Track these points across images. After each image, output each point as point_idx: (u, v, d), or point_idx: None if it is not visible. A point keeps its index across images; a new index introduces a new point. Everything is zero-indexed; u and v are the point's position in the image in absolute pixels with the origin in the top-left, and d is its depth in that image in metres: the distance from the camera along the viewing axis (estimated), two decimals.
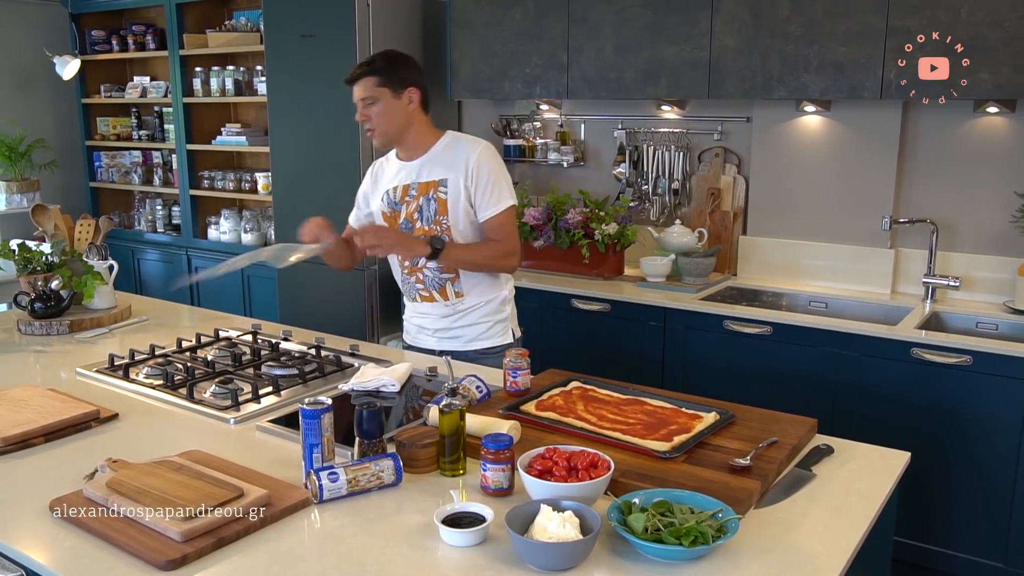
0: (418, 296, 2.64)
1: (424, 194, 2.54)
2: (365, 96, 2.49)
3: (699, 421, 1.93)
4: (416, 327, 2.72)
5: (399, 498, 1.67)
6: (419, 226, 2.55)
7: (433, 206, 2.53)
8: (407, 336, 2.78)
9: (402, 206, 2.58)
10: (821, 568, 1.43)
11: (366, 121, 2.52)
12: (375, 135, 2.55)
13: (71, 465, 1.81)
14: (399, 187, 2.59)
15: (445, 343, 2.65)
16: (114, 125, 5.74)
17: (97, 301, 3.00)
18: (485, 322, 2.63)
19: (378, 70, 2.49)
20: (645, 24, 3.52)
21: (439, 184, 2.53)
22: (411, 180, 2.57)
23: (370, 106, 2.49)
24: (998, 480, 2.85)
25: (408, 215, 2.57)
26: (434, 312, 2.63)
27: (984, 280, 3.31)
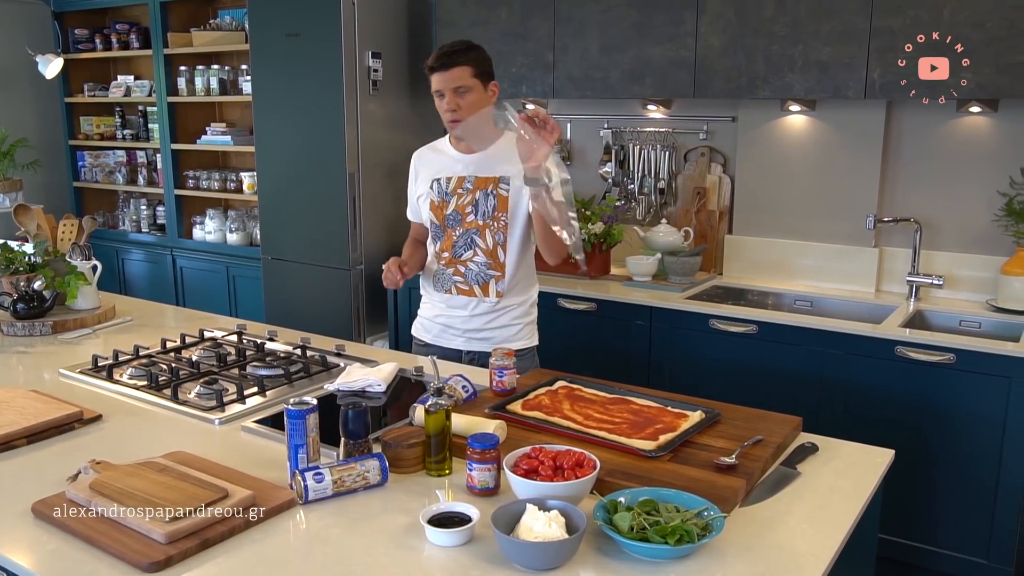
0: (454, 288, 2.58)
1: (482, 188, 2.52)
2: (460, 84, 2.44)
3: (685, 420, 1.93)
4: (441, 326, 2.64)
5: (385, 498, 1.67)
6: (471, 220, 2.53)
7: (492, 202, 2.52)
8: (425, 334, 2.69)
9: (452, 197, 2.55)
10: (806, 566, 1.43)
11: (455, 110, 2.45)
12: (455, 123, 2.49)
13: (54, 467, 1.79)
14: (453, 178, 2.55)
15: (474, 343, 2.60)
16: (98, 124, 5.71)
17: (80, 302, 2.98)
18: (517, 324, 2.62)
19: (473, 60, 2.46)
20: (631, 23, 3.53)
21: (500, 181, 2.51)
22: (468, 173, 2.54)
23: (463, 95, 2.45)
24: (981, 477, 2.87)
25: (459, 207, 2.54)
26: (467, 310, 2.58)
27: (967, 279, 3.34)
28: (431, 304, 2.68)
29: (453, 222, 2.55)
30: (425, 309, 2.71)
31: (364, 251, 4.17)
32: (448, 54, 2.44)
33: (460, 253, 2.56)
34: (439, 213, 2.57)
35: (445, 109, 2.47)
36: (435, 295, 2.65)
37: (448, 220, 2.56)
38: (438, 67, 2.44)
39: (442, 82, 2.44)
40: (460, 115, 2.45)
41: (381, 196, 4.22)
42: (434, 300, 2.66)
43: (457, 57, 2.43)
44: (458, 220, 2.54)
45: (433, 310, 2.66)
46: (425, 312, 2.71)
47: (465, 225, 2.54)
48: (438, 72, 2.44)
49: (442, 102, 2.46)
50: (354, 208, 4.09)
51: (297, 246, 4.36)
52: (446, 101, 2.45)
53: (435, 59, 2.45)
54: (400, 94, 4.24)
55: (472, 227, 2.53)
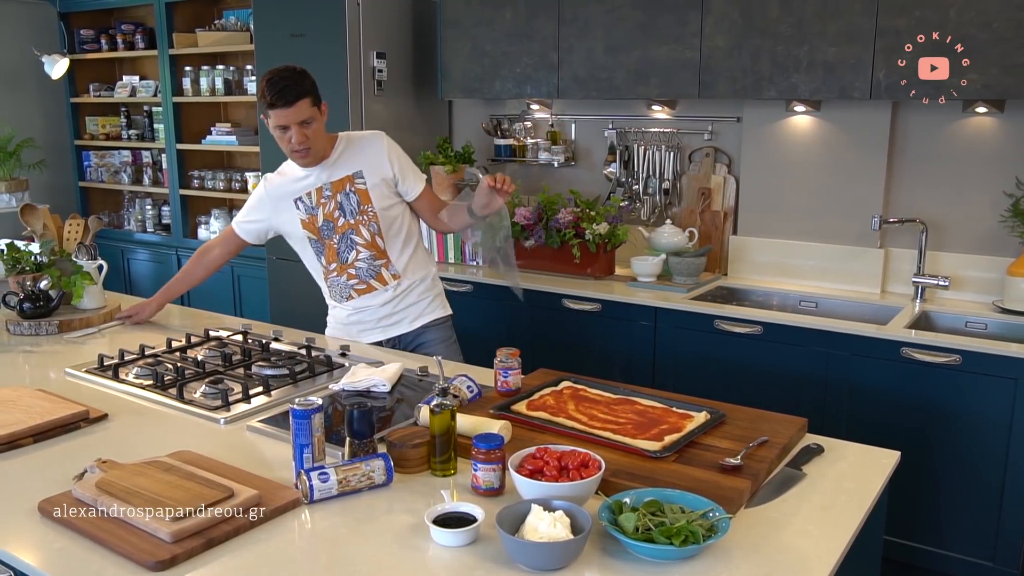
0: (353, 292, 2.69)
1: (340, 190, 2.61)
2: (305, 119, 2.46)
3: (690, 420, 1.93)
4: (354, 323, 2.74)
5: (390, 498, 1.67)
6: (343, 222, 2.63)
7: (354, 198, 2.62)
8: (343, 334, 2.77)
9: (318, 208, 2.63)
10: (811, 567, 1.43)
11: (303, 143, 2.48)
12: (308, 155, 2.53)
13: (60, 466, 1.80)
14: (312, 191, 2.63)
15: (391, 329, 2.73)
16: (103, 124, 5.72)
17: (86, 301, 2.99)
18: (425, 298, 2.76)
19: (310, 88, 2.47)
20: (635, 24, 3.53)
21: (354, 177, 2.62)
22: (322, 181, 2.62)
23: (309, 126, 2.48)
24: (987, 479, 2.86)
25: (327, 215, 2.63)
26: (374, 302, 2.69)
27: (973, 280, 3.33)
28: (340, 308, 2.76)
29: (328, 231, 2.64)
30: (336, 314, 2.79)
31: None
32: (287, 89, 2.41)
33: (346, 257, 2.66)
34: (313, 227, 2.65)
35: (295, 144, 2.48)
36: (336, 304, 2.76)
37: (323, 231, 2.64)
38: (281, 104, 2.41)
39: (287, 118, 2.43)
40: (309, 144, 2.50)
41: None
42: (340, 305, 2.76)
43: (296, 90, 2.42)
44: (331, 227, 2.64)
45: (344, 311, 2.75)
46: (336, 316, 2.79)
47: (339, 229, 2.63)
48: (280, 108, 2.42)
49: (286, 136, 2.47)
50: None
51: None
52: (294, 136, 2.46)
53: (274, 95, 2.41)
54: (405, 94, 4.24)
55: (346, 228, 2.63)
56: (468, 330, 3.87)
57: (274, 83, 2.42)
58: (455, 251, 4.07)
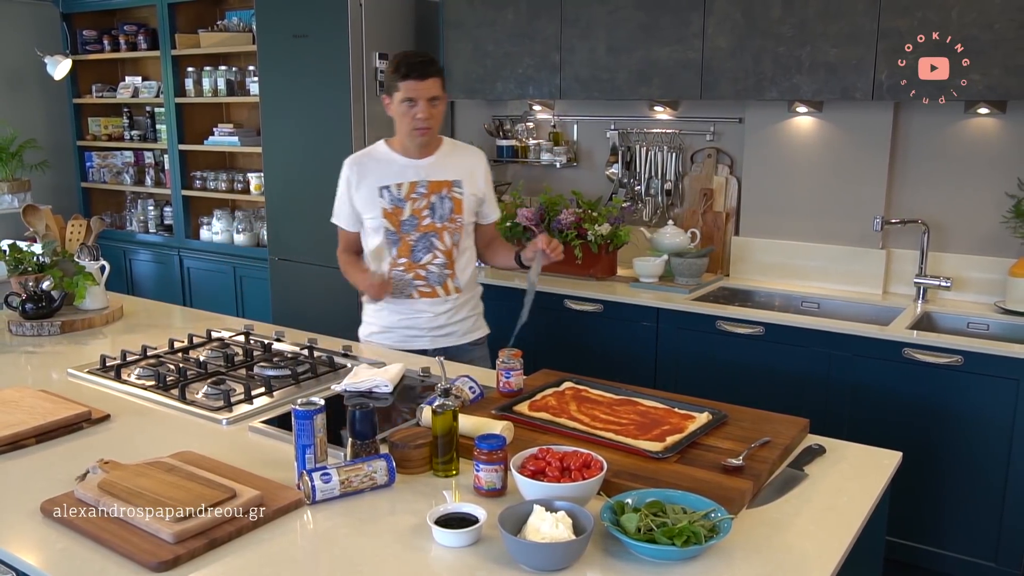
0: (416, 292, 2.65)
1: (436, 192, 2.61)
2: (436, 95, 2.53)
3: (692, 421, 1.93)
4: (405, 329, 2.70)
5: (392, 499, 1.67)
6: (428, 222, 2.61)
7: (448, 204, 2.62)
8: (386, 340, 2.73)
9: (407, 203, 2.60)
10: (813, 568, 1.43)
11: (428, 119, 2.53)
12: (428, 133, 2.57)
13: (62, 466, 1.80)
14: (405, 184, 2.61)
15: (440, 340, 2.69)
16: (105, 125, 5.73)
17: (89, 302, 2.99)
18: (473, 316, 2.77)
19: (441, 72, 2.55)
20: (637, 25, 3.53)
21: (452, 184, 2.63)
22: (420, 177, 2.61)
23: (436, 105, 2.53)
24: (989, 479, 2.86)
25: (415, 211, 2.61)
26: (434, 309, 2.67)
27: (975, 280, 3.33)
28: (389, 311, 2.71)
29: (409, 227, 2.61)
30: (381, 316, 2.73)
31: None
32: (424, 63, 2.50)
33: (420, 257, 2.63)
34: (394, 219, 2.61)
35: (418, 116, 2.52)
36: (394, 303, 2.68)
37: (404, 225, 2.61)
38: (415, 75, 2.48)
39: (418, 90, 2.49)
40: (432, 124, 2.55)
41: None
42: (392, 307, 2.69)
43: (432, 67, 2.51)
44: (414, 224, 2.61)
45: (393, 316, 2.70)
46: (382, 320, 2.73)
47: (422, 229, 2.61)
48: (414, 79, 2.48)
49: (412, 109, 2.51)
50: None
51: (304, 247, 4.37)
52: (420, 109, 2.51)
53: (410, 67, 2.48)
54: None
55: (430, 230, 2.62)
56: None
57: (408, 57, 2.51)
58: None
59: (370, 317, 2.78)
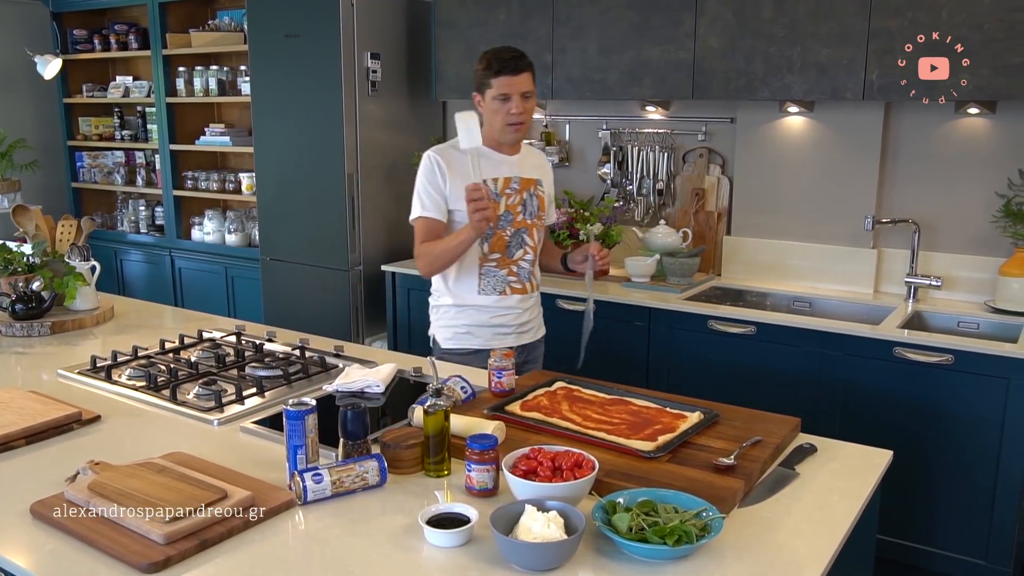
0: (508, 289, 2.62)
1: (527, 189, 2.62)
2: (529, 90, 2.50)
3: (683, 421, 1.93)
4: (494, 327, 2.64)
5: (383, 499, 1.67)
6: (521, 219, 2.61)
7: (535, 202, 2.64)
8: (474, 340, 2.63)
9: (502, 197, 2.58)
10: (804, 566, 1.43)
11: (523, 114, 2.50)
12: (522, 129, 2.54)
13: (52, 467, 1.79)
14: (500, 179, 2.58)
15: (523, 337, 2.70)
16: (96, 125, 5.71)
17: (79, 302, 2.98)
18: (539, 313, 2.80)
19: (533, 67, 2.52)
20: (629, 25, 3.53)
21: (537, 183, 2.66)
22: (514, 173, 2.60)
23: (528, 100, 2.51)
24: (979, 477, 2.87)
25: (510, 207, 2.59)
26: (523, 304, 2.67)
27: (965, 280, 3.34)
28: (478, 309, 2.62)
29: (504, 222, 2.58)
30: (469, 315, 2.63)
31: (363, 252, 4.17)
32: (516, 58, 2.47)
33: (513, 252, 2.61)
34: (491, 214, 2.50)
35: (513, 112, 2.49)
36: (482, 298, 2.62)
37: (500, 221, 2.57)
38: (509, 70, 2.45)
39: (513, 86, 2.46)
40: (525, 118, 2.52)
41: (380, 197, 4.22)
42: (481, 303, 2.62)
43: (524, 62, 2.48)
44: (509, 220, 2.59)
45: (483, 314, 2.63)
46: (469, 319, 2.63)
47: (516, 224, 2.60)
48: (507, 75, 2.45)
49: (506, 105, 2.48)
50: (353, 209, 4.09)
51: (296, 247, 4.36)
52: (514, 105, 2.48)
53: (503, 62, 2.46)
54: (399, 95, 4.24)
55: (522, 226, 2.61)
56: None
57: (501, 53, 2.49)
58: None
59: (450, 320, 2.66)
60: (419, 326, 4.04)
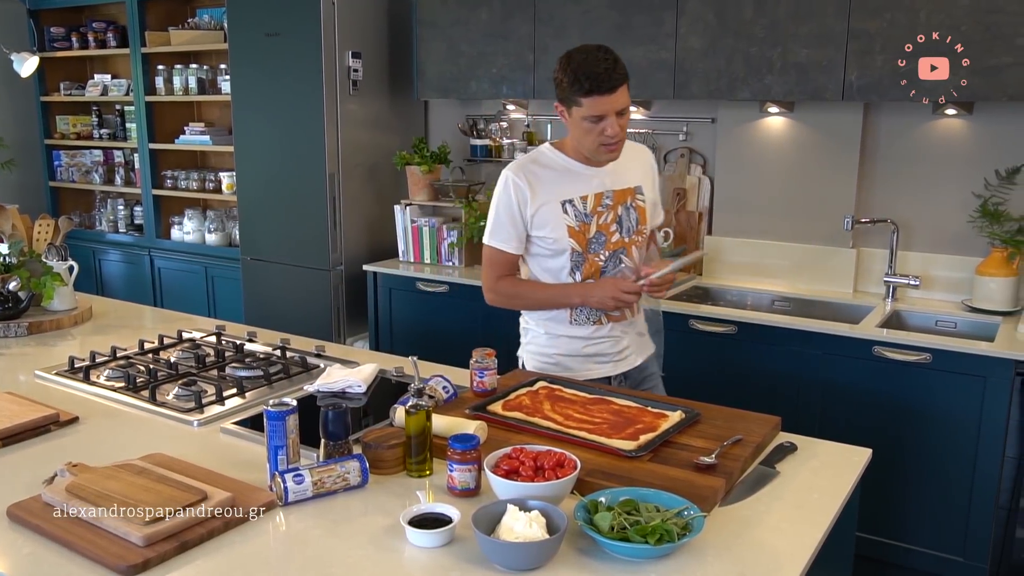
0: (604, 318, 2.30)
1: (622, 202, 2.26)
2: (624, 107, 2.11)
3: (664, 420, 1.94)
4: (588, 356, 2.33)
5: (365, 499, 1.66)
6: (617, 238, 2.26)
7: (634, 215, 2.27)
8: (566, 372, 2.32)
9: (593, 217, 2.23)
10: (784, 564, 1.44)
11: (618, 135, 2.12)
12: (618, 149, 2.17)
13: (29, 469, 1.78)
14: (590, 195, 2.23)
15: (621, 364, 2.35)
16: (74, 124, 5.65)
17: (57, 303, 2.95)
18: (644, 331, 2.44)
19: (625, 72, 2.10)
20: (611, 25, 3.54)
21: (635, 192, 2.28)
22: (605, 187, 2.24)
23: (623, 116, 2.12)
24: (957, 475, 2.90)
25: (602, 227, 2.24)
26: (620, 333, 2.33)
27: (943, 279, 3.37)
28: (571, 339, 2.32)
29: (597, 245, 2.25)
30: (560, 345, 2.34)
31: (344, 252, 4.15)
32: (610, 72, 2.05)
33: None
34: (581, 238, 2.23)
35: (608, 134, 2.11)
36: (575, 329, 2.31)
37: (592, 244, 2.24)
38: (603, 89, 2.05)
39: (607, 105, 2.07)
40: (622, 136, 2.15)
41: (361, 196, 4.21)
42: (573, 334, 2.32)
43: (618, 74, 2.07)
44: (602, 242, 2.25)
45: (576, 344, 2.32)
46: (560, 349, 2.34)
47: (611, 246, 2.26)
48: (601, 95, 2.06)
49: (599, 126, 2.10)
50: (334, 209, 4.08)
51: (277, 247, 4.34)
52: (609, 127, 2.09)
53: (595, 79, 2.05)
54: (380, 94, 4.23)
55: (619, 246, 2.27)
56: (444, 330, 3.87)
57: (590, 64, 2.05)
58: (431, 251, 4.06)
59: (540, 347, 2.38)
60: (401, 325, 4.03)
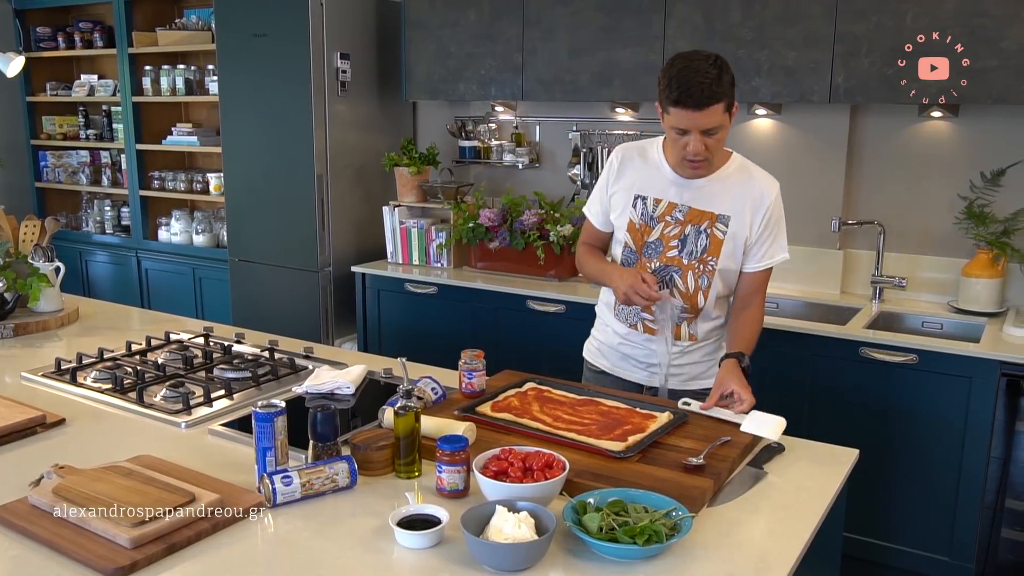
0: (641, 325, 2.26)
1: (695, 223, 2.16)
2: (713, 126, 2.00)
3: (653, 421, 1.95)
4: (622, 355, 2.32)
5: (354, 501, 1.66)
6: (673, 255, 2.18)
7: (704, 241, 2.16)
8: (603, 361, 2.36)
9: (659, 224, 2.18)
10: (772, 564, 1.45)
11: (700, 154, 2.03)
12: (701, 167, 2.09)
13: (16, 472, 1.76)
14: (664, 201, 2.17)
15: (656, 379, 2.28)
16: (60, 124, 5.62)
17: (43, 304, 2.93)
18: (707, 360, 2.31)
19: (725, 91, 1.97)
20: (599, 27, 3.54)
21: (718, 219, 2.15)
22: (683, 201, 2.16)
23: (711, 135, 2.02)
24: (943, 475, 2.92)
25: (663, 236, 2.18)
26: (657, 348, 2.25)
27: (929, 280, 3.39)
28: (610, 331, 2.34)
29: (652, 252, 2.20)
30: (604, 334, 2.37)
31: (332, 253, 4.15)
32: (702, 88, 1.94)
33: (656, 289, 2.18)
34: (638, 237, 2.20)
35: (691, 152, 2.04)
36: (616, 324, 2.32)
37: (647, 249, 2.20)
38: (689, 104, 1.96)
39: (691, 121, 1.99)
40: (708, 155, 2.06)
41: (349, 198, 4.20)
42: (615, 327, 2.33)
43: (716, 91, 1.95)
44: (658, 251, 2.19)
45: (614, 337, 2.33)
46: (603, 336, 2.37)
47: (665, 260, 2.19)
48: (687, 109, 1.97)
49: (683, 139, 2.04)
50: (322, 210, 4.07)
51: (265, 248, 4.33)
52: (692, 144, 2.02)
53: (682, 92, 1.95)
54: (369, 95, 4.23)
55: (673, 263, 2.18)
56: (433, 332, 3.87)
57: (686, 75, 1.95)
58: (420, 253, 4.06)
59: (596, 331, 2.41)
60: (389, 327, 4.03)
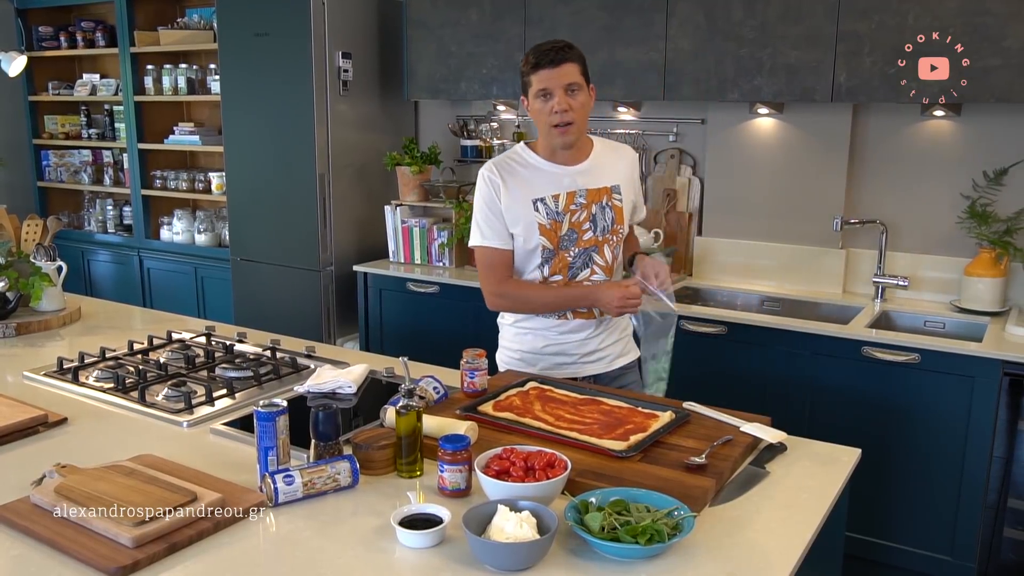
0: (570, 314, 2.33)
1: (597, 201, 2.31)
2: (573, 81, 2.19)
3: (655, 420, 1.94)
4: (552, 355, 2.38)
5: (355, 500, 1.66)
6: (589, 237, 2.31)
7: (610, 215, 2.32)
8: (530, 369, 2.39)
9: (565, 216, 2.29)
10: (774, 564, 1.45)
11: (567, 110, 2.20)
12: (571, 130, 2.23)
13: (18, 471, 1.77)
14: (561, 194, 2.28)
15: (588, 367, 2.39)
16: (63, 123, 5.63)
17: (45, 303, 2.94)
18: (624, 337, 2.46)
19: (578, 57, 2.22)
20: (601, 26, 3.54)
21: (612, 190, 2.33)
22: (578, 186, 2.30)
23: (574, 94, 2.20)
24: (945, 474, 2.92)
25: (574, 224, 2.29)
26: (587, 332, 2.35)
27: (931, 280, 3.39)
28: (535, 334, 2.38)
29: (568, 242, 2.30)
30: (525, 341, 2.40)
31: (334, 252, 4.15)
32: (556, 49, 2.19)
33: (576, 274, 2.32)
34: (552, 236, 2.29)
35: (555, 110, 2.20)
36: (543, 322, 2.36)
37: (563, 241, 2.30)
38: (546, 63, 2.18)
39: (551, 79, 2.18)
40: (572, 116, 2.21)
41: (351, 197, 4.20)
42: (539, 329, 2.37)
43: (566, 53, 2.19)
44: (573, 239, 2.30)
45: (541, 340, 2.38)
46: (526, 344, 2.40)
47: (582, 244, 2.31)
48: (545, 68, 2.18)
49: (548, 103, 2.20)
50: (324, 209, 4.07)
51: (266, 247, 4.33)
52: (556, 100, 2.19)
53: (539, 55, 2.19)
54: (370, 95, 4.23)
55: (590, 244, 2.31)
56: (434, 331, 3.87)
57: (539, 46, 2.22)
58: (421, 252, 4.06)
59: (510, 342, 2.45)
60: (391, 326, 4.03)
